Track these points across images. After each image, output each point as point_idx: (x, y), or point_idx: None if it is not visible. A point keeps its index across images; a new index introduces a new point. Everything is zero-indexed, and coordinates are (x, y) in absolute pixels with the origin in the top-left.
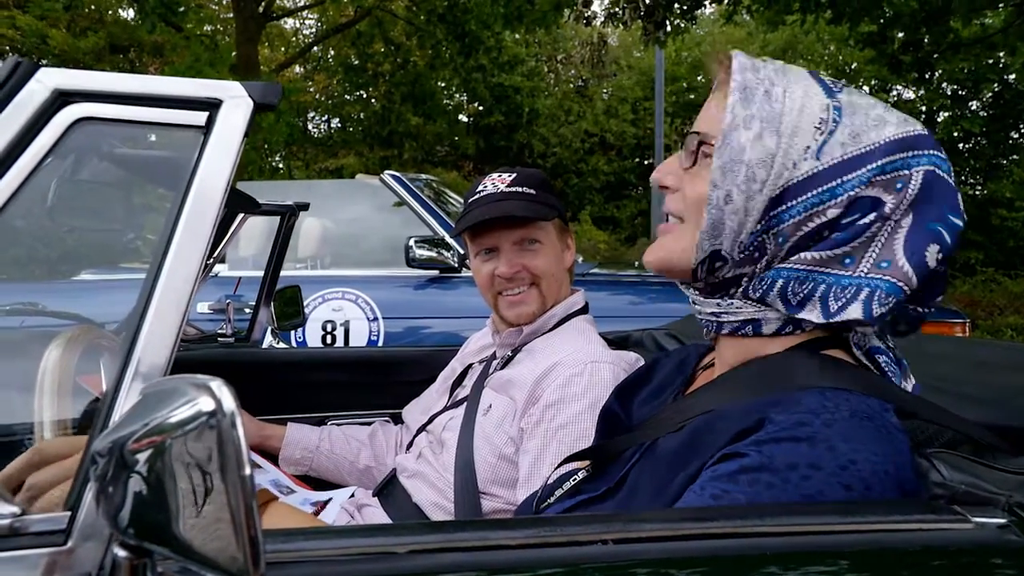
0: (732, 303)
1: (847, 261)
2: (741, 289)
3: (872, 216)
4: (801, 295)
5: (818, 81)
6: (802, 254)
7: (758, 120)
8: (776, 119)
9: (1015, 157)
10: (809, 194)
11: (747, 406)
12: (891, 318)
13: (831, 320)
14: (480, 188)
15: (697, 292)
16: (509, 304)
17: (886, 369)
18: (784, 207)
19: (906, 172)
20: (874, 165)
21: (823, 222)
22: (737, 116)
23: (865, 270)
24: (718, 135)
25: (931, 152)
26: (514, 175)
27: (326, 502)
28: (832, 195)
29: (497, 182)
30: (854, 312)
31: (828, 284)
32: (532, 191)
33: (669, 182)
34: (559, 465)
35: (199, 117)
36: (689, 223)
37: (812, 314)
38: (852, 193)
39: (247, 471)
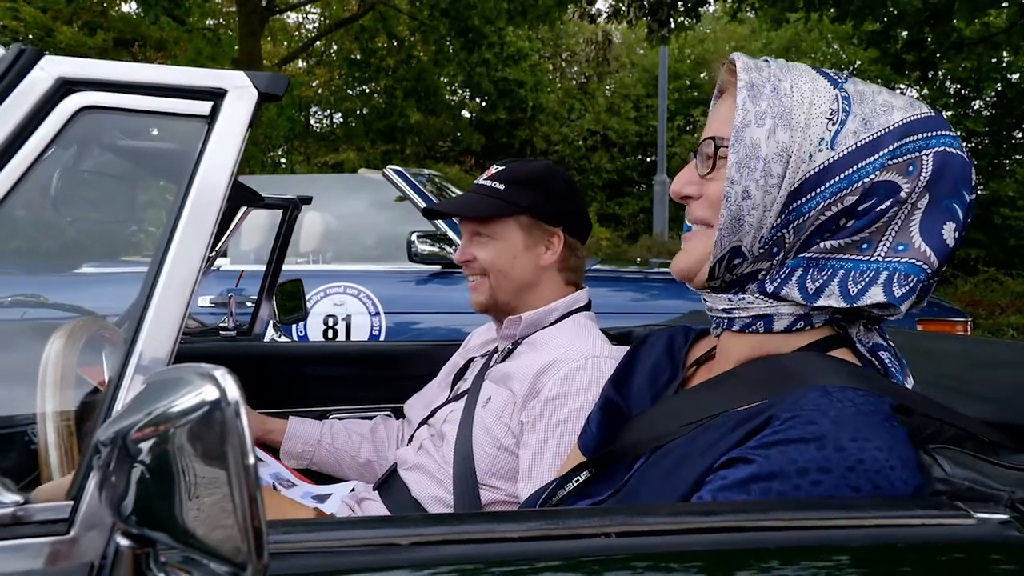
0: (744, 298)
1: (864, 247)
2: (756, 284)
3: (889, 202)
4: (819, 282)
5: (822, 74)
6: (822, 243)
7: (770, 116)
8: (787, 113)
9: (1018, 156)
10: (827, 184)
11: (755, 409)
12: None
13: (854, 304)
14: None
15: (708, 289)
16: (469, 290)
17: (890, 366)
18: (804, 199)
19: (918, 154)
20: (887, 150)
21: (841, 210)
22: (748, 113)
23: (883, 254)
24: (731, 135)
25: (941, 132)
26: (500, 168)
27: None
28: (849, 182)
29: (486, 173)
30: (875, 295)
31: (847, 269)
32: (501, 186)
33: (690, 191)
34: (569, 472)
35: (203, 107)
36: (716, 224)
37: (831, 299)
38: (868, 179)
39: (251, 460)
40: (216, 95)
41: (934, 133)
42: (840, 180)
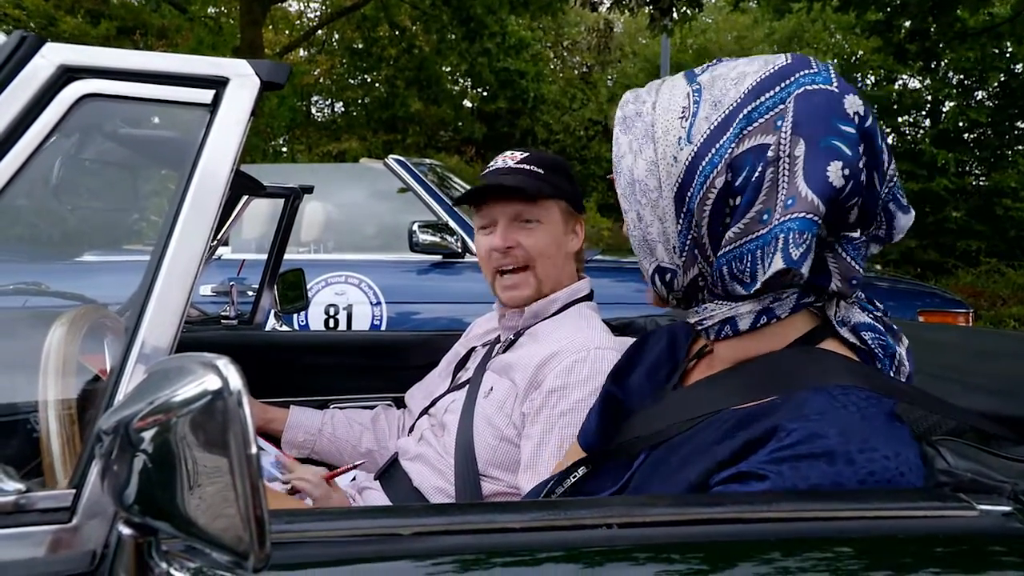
0: (705, 307)
1: (764, 218)
2: (706, 290)
3: (762, 164)
4: (747, 270)
5: (686, 75)
6: (728, 233)
7: (637, 140)
8: (649, 130)
9: (1020, 148)
10: (696, 174)
11: (755, 410)
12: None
13: (762, 281)
14: (492, 163)
15: (680, 309)
16: (504, 287)
17: (873, 345)
18: (687, 198)
19: (782, 107)
20: (740, 117)
21: (718, 193)
22: (621, 144)
23: (779, 217)
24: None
25: (799, 74)
26: (527, 154)
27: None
28: (712, 165)
29: (508, 159)
30: (776, 263)
31: (759, 246)
32: (540, 170)
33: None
34: (567, 468)
35: (205, 95)
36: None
37: (759, 281)
38: (727, 154)
39: (253, 450)
40: (218, 83)
41: (792, 78)
42: (704, 166)
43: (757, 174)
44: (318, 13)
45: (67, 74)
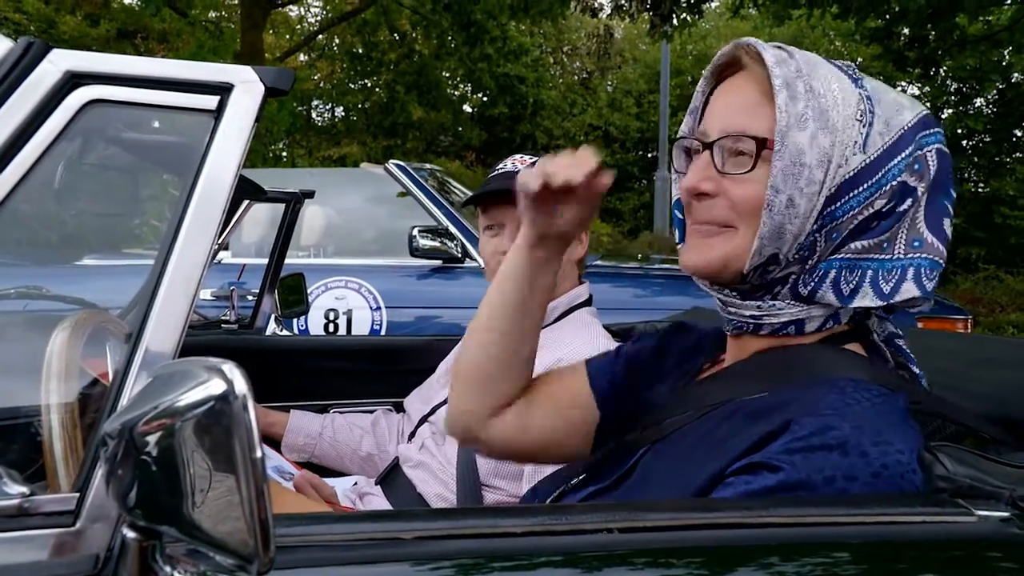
0: (775, 304)
1: (885, 246)
2: (788, 287)
3: (909, 201)
4: (853, 283)
5: (839, 68)
6: (851, 244)
7: (811, 120)
8: (824, 116)
9: (1018, 155)
10: (861, 188)
11: (768, 401)
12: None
13: (889, 301)
14: (500, 165)
15: (736, 295)
16: None
17: (908, 352)
18: (839, 204)
19: (920, 153)
20: (907, 151)
21: (871, 213)
22: (789, 115)
23: (901, 251)
24: (767, 135)
25: (935, 130)
26: (537, 159)
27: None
28: (879, 186)
29: (518, 162)
30: (910, 291)
31: (875, 269)
32: None
33: (708, 188)
34: (569, 473)
35: (210, 101)
36: (741, 228)
37: (866, 299)
38: (896, 181)
39: (258, 454)
40: (223, 90)
41: (931, 131)
42: (871, 184)
43: (902, 207)
44: (318, 18)
45: (73, 80)
